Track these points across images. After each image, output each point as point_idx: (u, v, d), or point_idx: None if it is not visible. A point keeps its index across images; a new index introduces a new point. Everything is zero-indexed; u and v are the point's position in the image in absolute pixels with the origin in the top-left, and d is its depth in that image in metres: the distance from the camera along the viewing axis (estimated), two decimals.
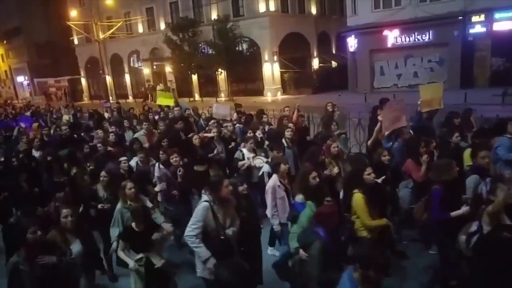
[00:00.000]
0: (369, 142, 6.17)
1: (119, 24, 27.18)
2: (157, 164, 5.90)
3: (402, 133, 5.87)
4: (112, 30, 27.33)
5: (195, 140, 6.60)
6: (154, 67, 32.33)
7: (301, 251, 3.54)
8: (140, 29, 31.76)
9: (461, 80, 19.53)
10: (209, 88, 28.87)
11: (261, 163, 5.83)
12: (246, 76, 26.85)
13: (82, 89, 39.03)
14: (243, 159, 6.14)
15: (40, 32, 41.59)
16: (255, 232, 4.20)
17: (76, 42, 36.53)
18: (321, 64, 28.39)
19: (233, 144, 6.98)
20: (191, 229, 3.55)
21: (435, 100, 6.62)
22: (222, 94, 27.75)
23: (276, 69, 26.04)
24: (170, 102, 12.09)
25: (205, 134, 7.25)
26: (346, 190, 4.32)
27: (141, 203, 4.49)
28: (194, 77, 28.68)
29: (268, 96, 25.22)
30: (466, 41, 19.40)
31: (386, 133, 5.89)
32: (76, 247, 3.84)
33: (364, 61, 22.66)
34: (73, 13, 30.20)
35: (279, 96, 25.29)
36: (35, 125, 10.46)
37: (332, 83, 25.24)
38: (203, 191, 3.81)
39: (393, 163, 5.39)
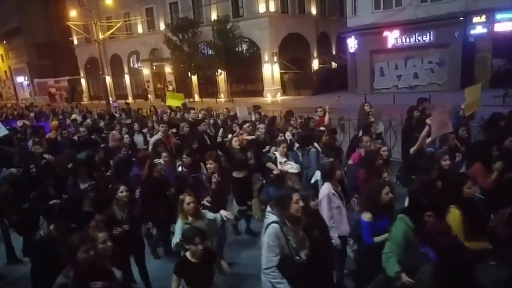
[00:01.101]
0: (412, 148, 5.41)
1: (118, 25, 27.07)
2: (179, 168, 5.56)
3: (447, 140, 5.32)
4: (111, 31, 27.23)
5: (235, 143, 6.04)
6: (154, 67, 32.29)
7: (404, 275, 2.98)
8: (140, 29, 31.72)
9: (461, 81, 19.39)
10: (209, 89, 28.81)
11: (291, 168, 5.52)
12: (246, 77, 26.79)
13: (82, 90, 38.99)
14: (275, 161, 5.71)
15: (40, 32, 41.56)
16: (328, 254, 3.67)
17: (75, 42, 36.48)
18: (321, 65, 28.31)
19: (267, 147, 6.43)
20: (270, 260, 3.02)
21: (475, 102, 6.41)
22: (222, 95, 27.67)
23: (276, 70, 25.96)
24: (179, 103, 11.83)
25: (244, 137, 6.60)
26: (435, 204, 3.53)
27: (204, 221, 3.99)
28: (194, 78, 28.62)
29: (268, 97, 25.14)
30: (467, 42, 19.31)
31: (429, 139, 5.37)
32: (117, 273, 3.41)
33: (364, 62, 22.58)
34: (73, 13, 30.09)
35: (279, 97, 25.19)
36: (54, 123, 10.07)
37: (332, 84, 25.18)
38: (268, 209, 3.28)
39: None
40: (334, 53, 29.97)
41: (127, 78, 34.88)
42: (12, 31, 43.49)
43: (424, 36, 20.37)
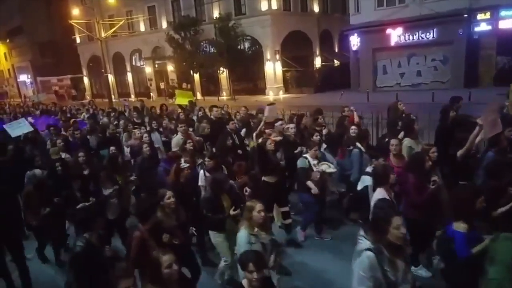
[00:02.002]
0: (459, 152, 4.92)
1: (121, 23, 27.09)
2: (201, 172, 5.19)
3: (499, 141, 4.81)
4: (114, 29, 27.24)
5: (270, 145, 5.49)
6: (156, 65, 32.30)
7: None
8: (142, 27, 31.71)
9: (465, 79, 19.27)
10: (211, 87, 28.79)
11: (328, 168, 5.23)
12: (248, 75, 26.73)
13: (85, 88, 39.10)
14: (310, 167, 5.24)
15: (42, 31, 41.71)
16: None
17: (78, 40, 36.47)
18: (323, 63, 28.19)
19: (299, 149, 5.94)
20: None
21: None
22: (224, 93, 27.63)
23: (278, 68, 25.87)
24: (187, 101, 11.62)
25: (274, 138, 6.03)
26: None
27: (270, 235, 3.58)
28: (196, 76, 28.59)
29: (270, 95, 25.05)
30: (471, 39, 19.13)
31: (477, 140, 4.92)
32: None
33: (366, 60, 22.44)
34: (75, 11, 30.12)
35: (281, 95, 25.12)
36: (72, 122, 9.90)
37: (334, 82, 25.03)
38: (360, 235, 2.80)
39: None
40: (336, 51, 29.84)
41: (129, 76, 34.92)
42: (15, 29, 43.68)
43: (428, 34, 20.19)
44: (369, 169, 4.55)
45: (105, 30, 28.55)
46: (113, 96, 29.88)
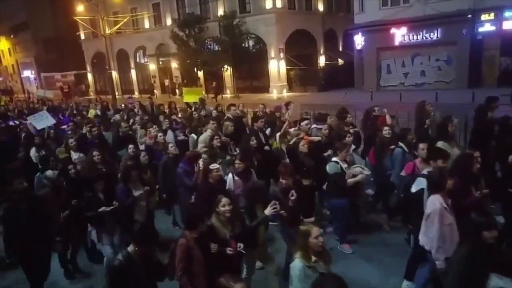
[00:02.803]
0: (510, 157, 4.52)
1: (125, 20, 27.16)
2: (230, 175, 4.87)
3: None
4: (118, 26, 27.31)
5: (303, 146, 5.24)
6: (160, 63, 32.39)
7: None
8: (147, 24, 31.79)
9: (469, 80, 19.35)
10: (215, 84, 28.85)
11: (361, 171, 4.89)
12: (252, 73, 26.81)
13: (89, 84, 39.24)
14: (342, 172, 4.88)
15: (47, 27, 41.77)
16: None
17: (82, 37, 36.67)
18: (327, 62, 28.25)
19: (329, 152, 5.56)
20: None
21: None
22: (228, 91, 27.74)
23: (282, 66, 25.96)
24: (197, 98, 11.46)
25: (310, 138, 5.78)
26: None
27: (330, 264, 3.05)
28: (200, 73, 28.67)
29: (274, 93, 25.17)
30: (475, 39, 19.20)
31: None
32: None
33: (371, 59, 22.52)
34: (80, 8, 30.21)
35: (285, 93, 25.21)
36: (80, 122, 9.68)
37: (338, 80, 25.13)
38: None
39: None
40: (340, 49, 29.88)
41: (133, 73, 35.03)
42: (19, 25, 43.73)
43: (432, 34, 20.26)
44: (425, 171, 4.30)
45: (110, 27, 28.64)
46: (116, 93, 30.02)
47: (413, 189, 4.22)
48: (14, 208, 4.22)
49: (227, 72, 26.93)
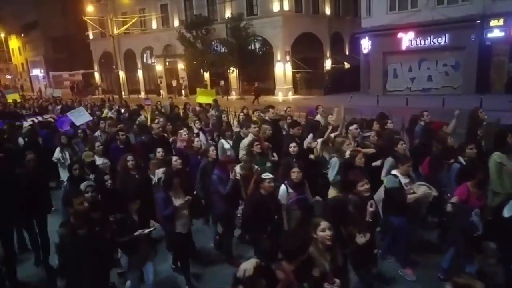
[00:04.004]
0: None
1: (133, 20, 27.42)
2: (283, 187, 4.30)
3: None
4: (126, 26, 27.58)
5: (360, 160, 4.66)
6: (167, 63, 32.57)
7: None
8: (154, 25, 32.01)
9: (476, 85, 19.15)
10: (215, 87, 28.88)
11: (428, 191, 4.22)
12: (258, 75, 26.81)
13: (96, 83, 39.58)
14: (400, 187, 4.29)
15: (56, 26, 42.29)
16: None
17: (91, 37, 36.97)
18: (333, 65, 28.18)
19: (379, 162, 5.16)
20: None
21: None
22: (234, 93, 27.79)
23: (288, 69, 25.94)
24: (210, 100, 11.32)
25: (364, 150, 5.11)
26: None
27: None
28: (206, 75, 28.78)
29: (279, 96, 25.16)
30: (484, 45, 19.00)
31: None
32: None
33: (377, 63, 22.41)
34: (89, 8, 30.63)
35: (290, 96, 25.20)
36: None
37: (344, 84, 25.03)
38: None
39: None
40: (347, 53, 29.79)
41: (140, 73, 35.26)
42: (29, 24, 44.38)
43: (440, 39, 20.11)
44: None
45: (118, 27, 28.91)
46: (123, 93, 30.24)
47: (506, 213, 3.59)
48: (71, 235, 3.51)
49: (233, 74, 26.97)
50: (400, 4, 20.88)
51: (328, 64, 28.13)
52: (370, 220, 3.47)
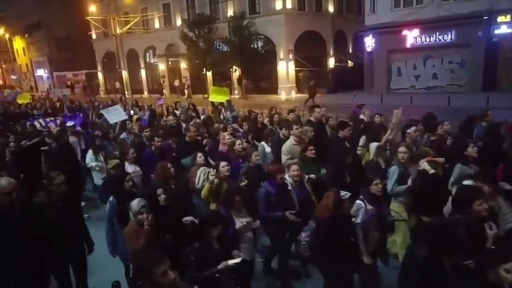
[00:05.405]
0: None
1: (136, 20, 27.38)
2: (360, 203, 3.75)
3: None
4: (129, 26, 27.54)
5: (439, 170, 4.12)
6: (170, 63, 32.50)
7: None
8: (157, 25, 31.94)
9: (483, 83, 18.80)
10: (224, 85, 28.79)
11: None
12: (261, 74, 26.64)
13: (99, 83, 39.66)
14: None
15: (60, 26, 42.45)
16: None
17: (94, 36, 37.09)
18: (337, 64, 27.90)
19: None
20: None
21: None
22: (236, 92, 27.61)
23: (291, 67, 25.72)
24: (224, 99, 10.84)
25: (438, 159, 4.52)
26: None
27: None
28: (209, 74, 28.66)
29: (282, 95, 24.95)
30: (490, 42, 18.62)
31: None
32: None
33: (381, 62, 22.11)
34: (92, 8, 30.63)
35: (293, 95, 24.96)
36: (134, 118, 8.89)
37: (348, 83, 24.76)
38: None
39: None
40: (350, 51, 29.50)
41: (143, 73, 35.24)
42: (33, 25, 44.60)
43: (445, 36, 19.75)
44: None
45: (120, 27, 28.87)
46: (126, 92, 30.21)
47: None
48: None
49: (236, 73, 26.81)
50: (405, 0, 20.56)
51: (331, 63, 27.86)
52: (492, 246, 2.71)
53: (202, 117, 9.40)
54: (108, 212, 4.18)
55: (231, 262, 3.21)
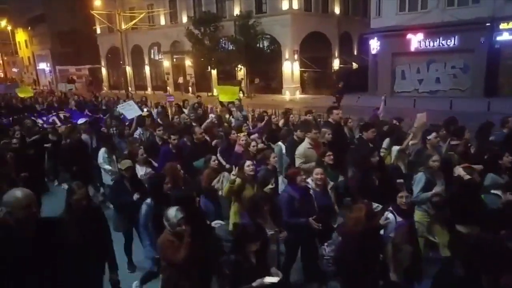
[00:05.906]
0: None
1: (141, 16, 27.51)
2: (389, 215, 3.52)
3: None
4: (134, 21, 27.67)
5: (476, 178, 3.95)
6: (174, 60, 32.63)
7: None
8: (162, 21, 32.05)
9: (485, 88, 19.18)
10: (228, 84, 28.98)
11: None
12: (265, 74, 26.87)
13: (102, 79, 39.69)
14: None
15: (63, 20, 42.33)
16: None
17: (98, 31, 37.11)
18: (341, 65, 28.17)
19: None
20: None
21: None
22: (241, 91, 27.83)
23: (296, 68, 25.97)
24: (233, 98, 10.53)
25: (475, 167, 4.31)
26: None
27: None
28: (214, 72, 28.85)
29: (286, 95, 25.22)
30: (493, 48, 19.01)
31: None
32: None
33: (385, 64, 22.43)
34: (97, 2, 30.68)
35: (298, 95, 25.25)
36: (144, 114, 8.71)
37: (352, 84, 25.02)
38: None
39: None
40: (355, 53, 29.79)
41: (147, 69, 35.33)
42: (37, 18, 44.45)
43: (449, 41, 20.11)
44: None
45: (126, 22, 28.99)
46: (130, 88, 30.37)
47: None
48: None
49: (241, 71, 27.03)
50: (410, 5, 20.87)
51: (336, 64, 28.13)
52: None
53: (210, 115, 9.28)
54: (143, 217, 3.86)
55: (267, 280, 2.95)
